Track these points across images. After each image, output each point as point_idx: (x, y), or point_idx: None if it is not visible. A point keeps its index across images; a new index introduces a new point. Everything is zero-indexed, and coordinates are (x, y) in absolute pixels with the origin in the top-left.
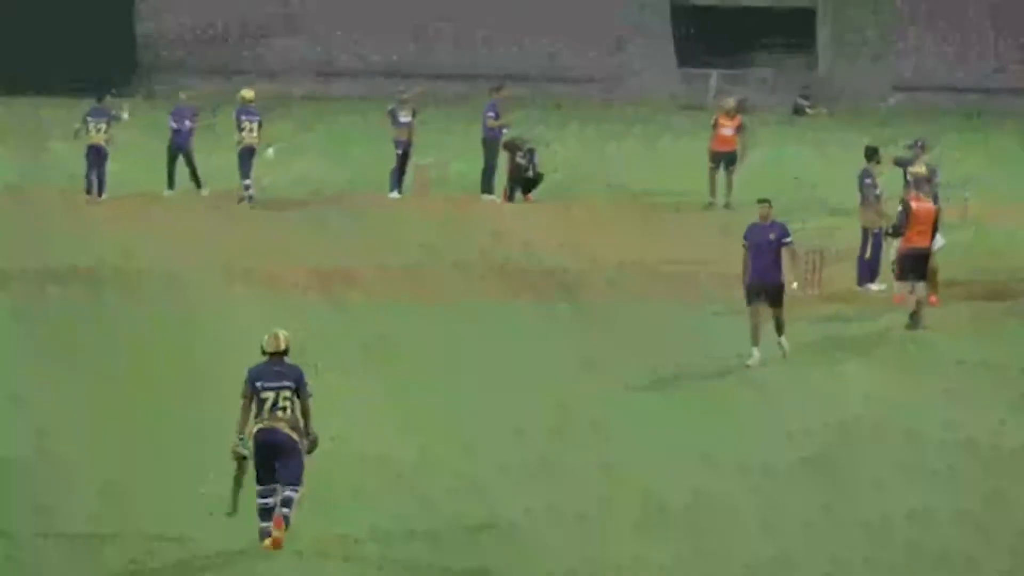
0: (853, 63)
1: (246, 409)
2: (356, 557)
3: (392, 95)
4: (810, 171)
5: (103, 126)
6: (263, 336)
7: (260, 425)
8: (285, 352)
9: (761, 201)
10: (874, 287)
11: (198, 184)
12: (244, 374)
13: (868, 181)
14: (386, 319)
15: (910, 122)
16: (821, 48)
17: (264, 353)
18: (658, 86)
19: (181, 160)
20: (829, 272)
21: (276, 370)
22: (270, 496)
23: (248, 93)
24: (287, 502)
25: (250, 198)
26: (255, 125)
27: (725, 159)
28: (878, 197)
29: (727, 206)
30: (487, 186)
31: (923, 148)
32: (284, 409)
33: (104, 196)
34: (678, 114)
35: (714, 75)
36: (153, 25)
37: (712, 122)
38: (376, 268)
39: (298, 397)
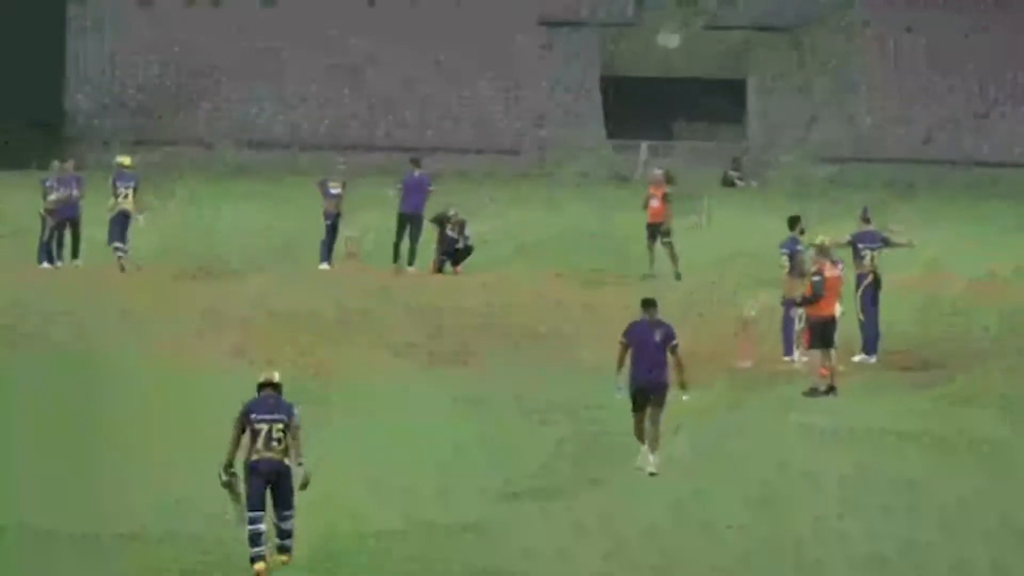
0: (782, 134)
1: (235, 438)
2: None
3: (319, 163)
4: (743, 242)
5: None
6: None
7: (256, 456)
8: (278, 385)
9: (646, 303)
10: (805, 358)
11: (75, 254)
12: (240, 407)
13: (799, 248)
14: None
15: (842, 192)
16: (751, 120)
17: (259, 386)
18: (588, 157)
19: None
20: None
21: (270, 403)
22: (260, 522)
23: (125, 159)
24: (285, 534)
25: (121, 266)
26: (130, 191)
27: (656, 230)
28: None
29: (677, 277)
30: (411, 257)
31: (867, 218)
32: (279, 440)
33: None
34: (608, 185)
35: (644, 146)
36: (81, 97)
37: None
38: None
39: (289, 429)
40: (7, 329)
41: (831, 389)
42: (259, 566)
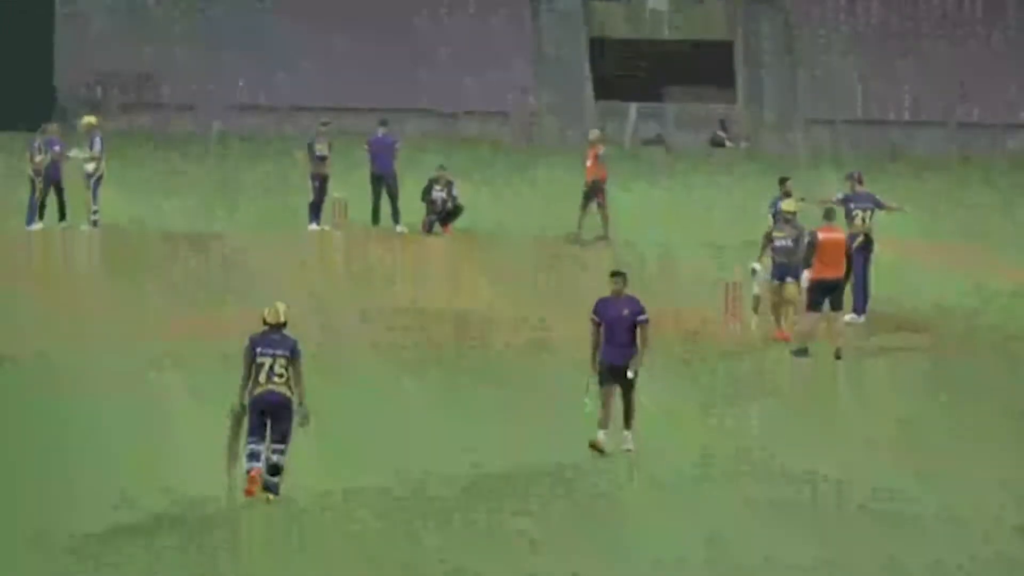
0: (770, 97)
1: (245, 372)
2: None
3: (306, 130)
4: (731, 203)
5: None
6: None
7: (259, 389)
8: (284, 324)
9: (615, 275)
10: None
11: (62, 216)
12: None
13: None
14: None
15: (830, 154)
16: (739, 82)
17: (265, 323)
18: (575, 121)
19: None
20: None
21: (274, 339)
22: (259, 445)
23: (92, 119)
24: (275, 470)
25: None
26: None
27: (587, 190)
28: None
29: (603, 238)
30: (395, 216)
31: (860, 180)
32: (280, 375)
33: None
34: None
35: (633, 109)
36: (72, 64)
37: None
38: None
39: (292, 364)
40: None
41: (803, 352)
42: (254, 471)
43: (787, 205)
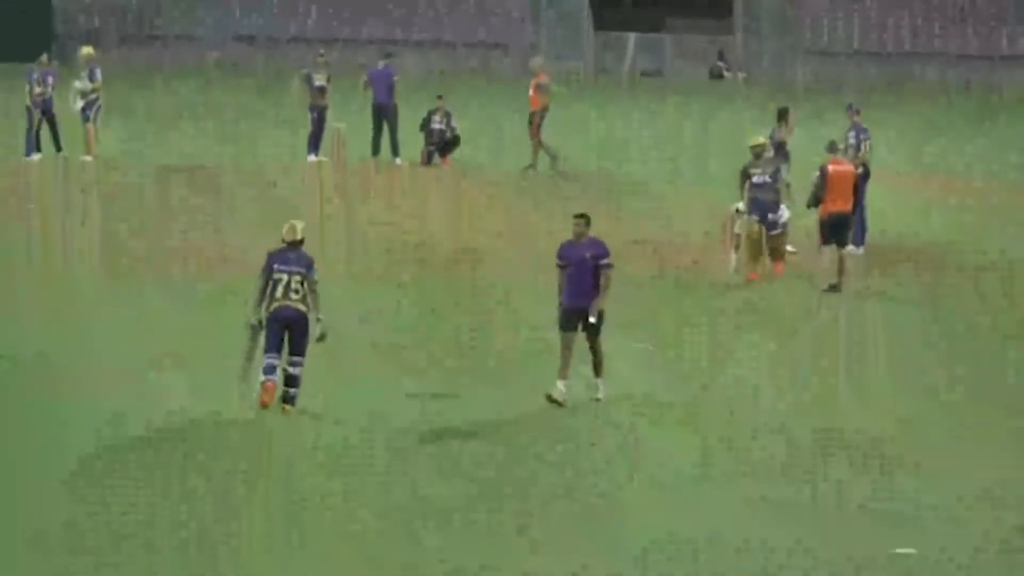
0: (769, 28)
1: (262, 286)
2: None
3: (304, 63)
4: (730, 135)
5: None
6: (282, 227)
7: (275, 304)
8: (301, 241)
9: (578, 217)
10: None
11: (58, 147)
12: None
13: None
14: None
15: (825, 87)
16: (738, 12)
17: (283, 241)
18: (574, 52)
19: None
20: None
21: (291, 256)
22: (275, 359)
23: (90, 49)
24: (293, 381)
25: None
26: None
27: (529, 119)
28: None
29: (552, 167)
30: (395, 148)
31: (857, 112)
32: (297, 291)
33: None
34: (595, 80)
35: (631, 39)
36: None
37: None
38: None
39: (307, 281)
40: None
41: (833, 287)
42: (269, 383)
43: (752, 139)
